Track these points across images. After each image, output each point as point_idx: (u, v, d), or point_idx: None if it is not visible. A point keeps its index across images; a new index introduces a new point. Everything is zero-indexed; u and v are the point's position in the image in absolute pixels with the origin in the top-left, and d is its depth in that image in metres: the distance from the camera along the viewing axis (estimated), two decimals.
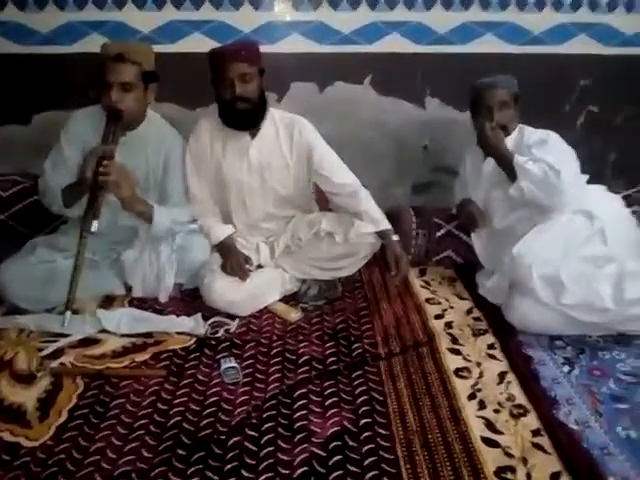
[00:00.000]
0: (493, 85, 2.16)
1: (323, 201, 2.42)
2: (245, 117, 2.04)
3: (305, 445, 1.45)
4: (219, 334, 1.94)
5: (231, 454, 1.42)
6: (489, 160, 2.20)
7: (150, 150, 2.14)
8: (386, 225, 2.09)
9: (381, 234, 2.09)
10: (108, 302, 2.13)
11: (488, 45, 2.69)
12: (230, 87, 1.97)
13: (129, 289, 2.17)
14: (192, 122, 2.32)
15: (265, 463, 1.39)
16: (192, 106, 2.69)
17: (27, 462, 1.39)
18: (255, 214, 2.21)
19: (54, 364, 1.76)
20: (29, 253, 2.10)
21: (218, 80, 2.01)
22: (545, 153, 2.02)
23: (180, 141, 2.20)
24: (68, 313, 1.75)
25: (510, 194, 2.06)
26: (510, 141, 2.17)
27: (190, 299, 2.17)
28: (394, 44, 2.66)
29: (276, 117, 2.15)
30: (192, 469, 1.38)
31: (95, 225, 1.78)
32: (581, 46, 2.73)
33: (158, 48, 2.24)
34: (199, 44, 2.59)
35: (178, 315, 2.01)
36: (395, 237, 2.08)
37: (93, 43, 2.56)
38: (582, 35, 2.72)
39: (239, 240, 2.20)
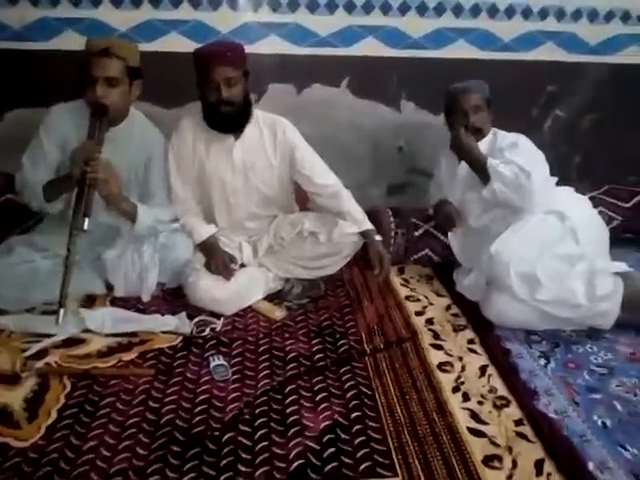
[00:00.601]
0: (467, 89, 2.24)
1: (301, 201, 2.46)
2: (230, 120, 2.06)
3: (299, 439, 1.48)
4: (205, 333, 1.95)
5: (226, 449, 1.44)
6: (463, 163, 2.28)
7: (133, 148, 2.12)
8: (368, 225, 2.14)
9: (364, 234, 2.14)
10: (89, 302, 2.10)
11: (460, 51, 2.78)
12: (215, 90, 1.98)
13: (110, 288, 2.14)
14: (167, 121, 2.33)
15: (261, 457, 1.41)
16: (168, 105, 2.68)
17: (18, 462, 1.38)
18: (238, 214, 2.23)
19: (39, 364, 1.74)
20: (5, 253, 2.07)
21: (203, 82, 2.02)
22: (516, 156, 2.11)
23: (162, 140, 2.20)
24: (62, 310, 1.72)
25: (483, 195, 2.14)
26: (484, 144, 2.26)
27: (172, 298, 2.17)
28: (370, 48, 2.72)
29: (259, 118, 2.17)
30: (188, 465, 1.39)
31: (87, 222, 1.77)
32: (548, 53, 2.85)
33: None
34: (176, 44, 2.60)
35: (162, 314, 2.00)
36: (377, 237, 2.13)
37: (68, 40, 2.55)
38: (549, 43, 2.84)
39: (222, 239, 2.22)
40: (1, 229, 2.40)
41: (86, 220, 1.79)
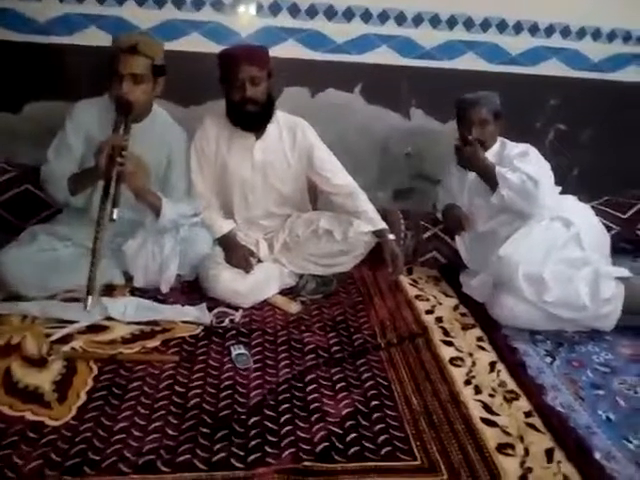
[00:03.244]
0: (474, 103, 2.33)
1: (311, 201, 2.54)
2: (253, 119, 2.13)
3: (322, 424, 1.55)
4: (224, 323, 2.01)
5: (253, 432, 1.50)
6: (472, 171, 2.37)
7: (154, 143, 2.17)
8: (383, 224, 2.23)
9: (377, 233, 2.22)
10: (108, 291, 2.15)
11: (470, 62, 2.88)
12: (240, 89, 2.06)
13: (129, 279, 2.20)
14: (185, 119, 2.38)
15: (287, 440, 1.48)
16: (186, 104, 2.74)
17: (53, 440, 1.43)
18: (256, 211, 2.30)
19: (65, 349, 1.79)
20: (29, 240, 2.11)
21: (228, 81, 2.09)
22: (524, 164, 2.20)
23: (184, 136, 2.26)
24: (90, 298, 1.77)
25: (492, 201, 2.23)
26: (491, 153, 2.35)
27: (189, 290, 2.23)
28: (384, 56, 2.81)
29: (280, 118, 2.25)
30: (217, 445, 1.45)
31: (116, 213, 1.82)
32: (553, 68, 2.97)
33: None
34: (196, 44, 2.67)
35: (182, 305, 2.06)
36: (391, 236, 2.21)
37: (91, 36, 2.61)
38: (554, 59, 2.96)
39: (239, 234, 2.29)
40: (20, 218, 2.45)
41: (115, 210, 1.84)
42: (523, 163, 2.22)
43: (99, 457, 1.38)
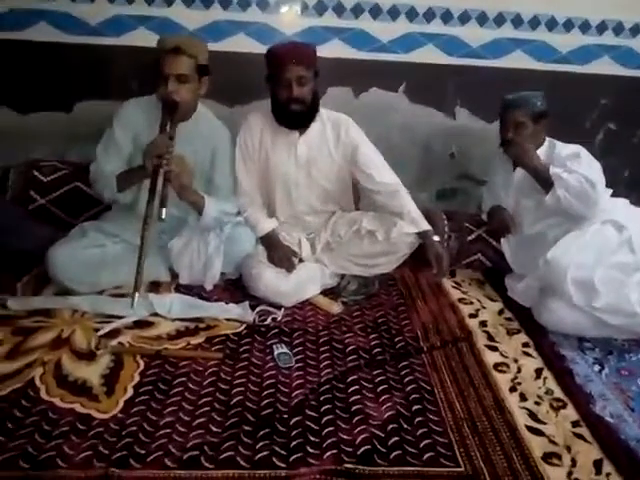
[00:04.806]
0: (513, 104, 2.26)
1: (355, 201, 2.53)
2: (298, 118, 2.14)
3: (364, 426, 1.54)
4: (267, 322, 2.02)
5: (295, 432, 1.51)
6: (519, 170, 2.32)
7: (199, 143, 2.20)
8: (426, 226, 2.19)
9: (421, 234, 2.19)
10: (154, 288, 2.19)
11: (517, 61, 2.82)
12: (287, 88, 2.07)
13: (174, 276, 2.24)
14: (230, 119, 2.40)
15: (328, 441, 1.48)
16: (230, 103, 2.77)
17: (101, 432, 1.47)
18: (299, 207, 2.31)
19: (113, 343, 1.83)
20: (79, 237, 2.17)
21: (275, 80, 2.10)
22: (578, 166, 2.14)
23: (228, 135, 2.28)
24: (137, 294, 1.81)
25: (546, 202, 2.15)
26: (540, 154, 2.29)
27: (233, 288, 2.25)
28: (429, 55, 2.78)
29: (324, 115, 2.25)
30: (260, 444, 1.46)
31: (164, 212, 1.85)
32: (604, 67, 2.87)
33: None
34: (242, 44, 2.69)
35: (226, 303, 2.09)
36: (436, 237, 2.19)
37: (139, 37, 2.66)
38: (605, 57, 2.86)
39: (282, 234, 2.30)
40: (70, 215, 2.53)
41: (164, 210, 1.87)
42: (577, 164, 2.16)
43: (145, 451, 1.42)
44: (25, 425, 1.47)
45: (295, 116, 2.13)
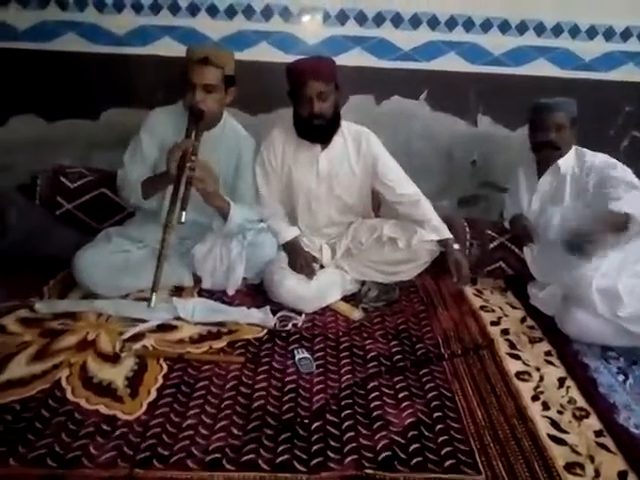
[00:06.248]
0: (553, 107, 2.25)
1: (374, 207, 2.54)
2: (320, 132, 2.16)
3: (384, 432, 1.55)
4: (288, 327, 2.04)
5: (316, 436, 1.52)
6: (544, 178, 2.32)
7: (224, 151, 2.24)
8: (448, 234, 2.20)
9: (442, 242, 2.20)
10: (177, 292, 2.23)
11: (541, 68, 2.81)
12: (308, 104, 2.08)
13: (197, 280, 2.27)
14: (254, 127, 2.43)
15: (349, 446, 1.49)
16: (254, 112, 2.81)
17: (126, 433, 1.49)
18: (319, 219, 2.34)
19: (137, 346, 1.86)
20: (105, 242, 2.21)
21: (296, 96, 2.12)
22: (629, 186, 2.08)
23: (253, 144, 2.31)
24: (154, 295, 1.84)
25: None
26: (568, 161, 2.28)
27: (254, 293, 2.28)
28: (450, 63, 2.78)
29: (344, 128, 2.26)
30: (281, 447, 1.47)
31: (184, 215, 1.88)
32: (628, 74, 2.85)
33: None
34: (265, 53, 2.72)
35: (248, 307, 2.11)
36: (456, 245, 2.18)
37: (164, 46, 2.71)
38: (630, 64, 2.84)
39: (304, 240, 2.32)
40: (96, 220, 2.58)
41: (183, 213, 1.90)
42: (629, 186, 2.08)
43: (168, 452, 1.44)
44: (52, 425, 1.50)
45: (317, 130, 2.15)
